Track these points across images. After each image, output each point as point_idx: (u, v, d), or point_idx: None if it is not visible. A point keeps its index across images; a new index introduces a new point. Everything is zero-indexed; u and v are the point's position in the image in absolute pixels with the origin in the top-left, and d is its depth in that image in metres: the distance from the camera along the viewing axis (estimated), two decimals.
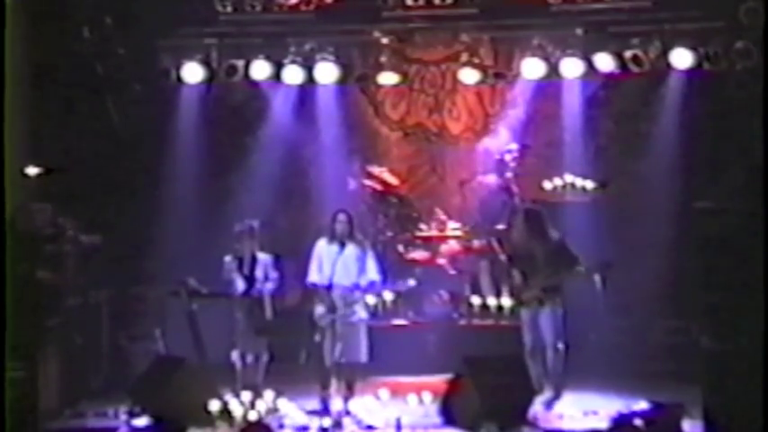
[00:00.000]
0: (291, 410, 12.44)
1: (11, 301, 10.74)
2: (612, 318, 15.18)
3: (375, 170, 16.41)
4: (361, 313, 12.94)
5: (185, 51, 16.05)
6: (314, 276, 12.96)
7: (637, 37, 15.62)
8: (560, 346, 12.90)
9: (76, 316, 14.20)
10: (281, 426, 12.16)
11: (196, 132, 16.32)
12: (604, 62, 15.68)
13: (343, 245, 12.84)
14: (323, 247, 12.99)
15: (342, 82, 16.27)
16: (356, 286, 12.83)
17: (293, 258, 14.61)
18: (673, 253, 15.44)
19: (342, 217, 12.96)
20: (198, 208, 16.03)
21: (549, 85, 16.20)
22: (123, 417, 12.39)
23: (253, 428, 11.16)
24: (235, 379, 13.06)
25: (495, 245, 15.09)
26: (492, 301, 15.24)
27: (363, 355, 12.84)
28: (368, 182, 16.30)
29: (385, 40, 16.29)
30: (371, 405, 12.62)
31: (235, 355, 13.21)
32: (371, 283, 12.97)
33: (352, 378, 12.77)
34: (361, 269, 12.86)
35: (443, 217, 16.42)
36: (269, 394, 12.52)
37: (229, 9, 16.15)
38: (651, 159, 15.95)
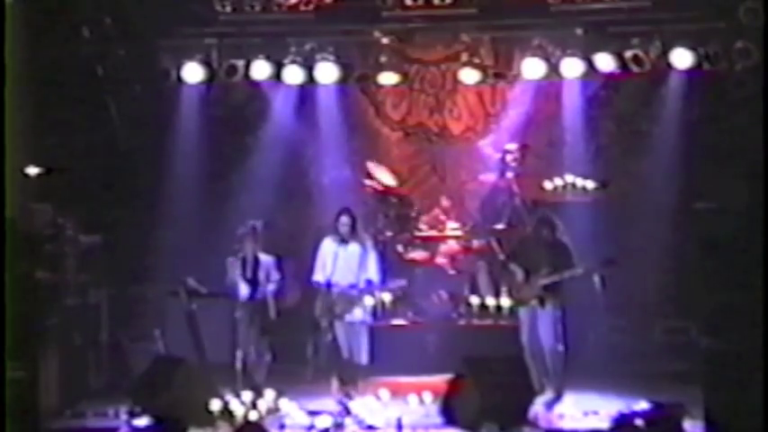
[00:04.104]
0: (292, 410, 12.43)
1: (11, 301, 10.74)
2: (612, 318, 15.19)
3: (375, 170, 16.39)
4: (362, 314, 12.95)
5: (185, 51, 16.05)
6: (318, 275, 13.00)
7: (637, 37, 15.61)
8: (560, 348, 12.90)
9: (76, 316, 14.21)
10: (282, 426, 12.16)
11: (196, 132, 16.32)
12: (604, 62, 15.67)
13: (346, 243, 12.89)
14: (327, 246, 13.03)
15: (342, 82, 16.26)
16: (355, 285, 12.86)
17: (293, 258, 14.64)
18: (673, 253, 15.46)
19: (344, 219, 13.00)
20: (198, 208, 16.04)
21: (550, 85, 16.21)
22: (123, 417, 12.37)
23: (248, 428, 11.16)
24: (235, 379, 13.05)
25: (495, 245, 15.13)
26: (491, 302, 15.22)
27: (364, 358, 12.86)
28: (368, 182, 16.30)
29: (385, 40, 16.29)
30: (372, 405, 12.61)
31: (239, 356, 13.20)
32: (368, 282, 13.00)
33: (353, 378, 12.78)
34: (362, 268, 12.90)
35: (443, 217, 16.41)
36: (270, 394, 12.51)
37: (229, 9, 16.13)
38: (651, 159, 15.96)
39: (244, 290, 13.31)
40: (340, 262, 12.87)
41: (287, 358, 13.99)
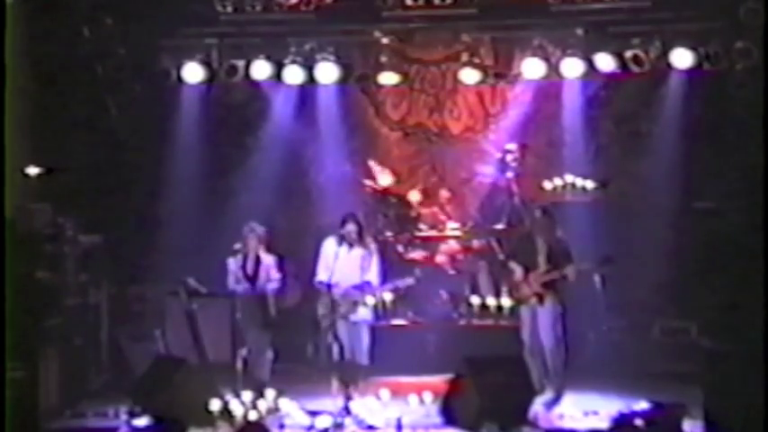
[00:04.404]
0: (292, 410, 12.44)
1: (11, 301, 10.74)
2: (612, 317, 15.19)
3: (375, 170, 16.39)
4: (365, 314, 12.97)
5: (185, 51, 16.05)
6: (321, 275, 13.01)
7: (637, 37, 15.61)
8: (560, 347, 12.90)
9: (76, 316, 14.21)
10: (282, 426, 12.16)
11: (196, 132, 16.32)
12: (604, 62, 15.68)
13: (351, 246, 12.92)
14: (331, 247, 13.04)
15: (342, 82, 16.26)
16: (357, 286, 12.89)
17: (293, 258, 14.63)
18: (673, 253, 15.46)
19: (351, 227, 12.98)
20: (198, 208, 16.02)
21: (550, 85, 16.21)
22: (123, 417, 12.37)
23: (250, 429, 11.16)
24: (235, 379, 13.05)
25: (495, 245, 15.14)
26: (491, 301, 15.23)
27: (364, 357, 12.88)
28: (368, 182, 16.30)
29: (385, 40, 16.29)
30: (372, 405, 12.62)
31: (243, 353, 13.19)
32: (367, 283, 13.01)
33: (354, 378, 12.79)
34: (364, 270, 12.92)
35: (443, 217, 16.41)
36: (270, 394, 12.52)
37: (229, 9, 16.13)
38: (651, 159, 15.95)
39: (243, 286, 13.32)
40: (342, 263, 12.89)
41: (287, 358, 14.00)
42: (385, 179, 16.38)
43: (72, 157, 15.45)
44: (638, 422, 10.31)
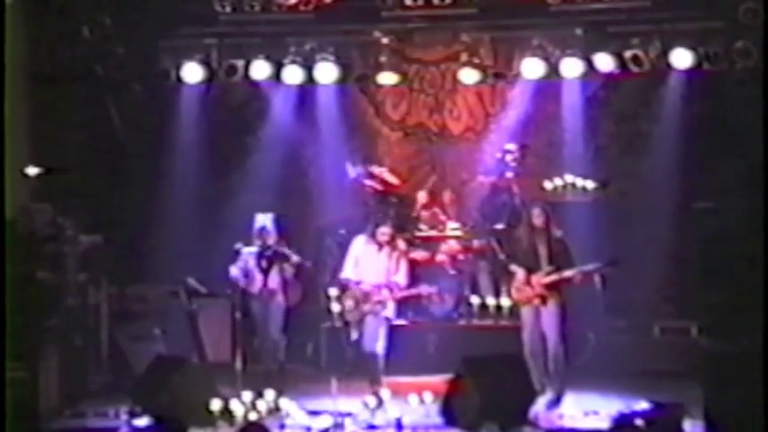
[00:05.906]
0: (293, 410, 12.44)
1: (11, 302, 10.74)
2: (612, 318, 15.20)
3: (375, 170, 16.39)
4: (388, 312, 13.02)
5: (185, 51, 16.06)
6: (347, 272, 13.03)
7: (637, 37, 15.61)
8: (561, 347, 12.90)
9: (76, 316, 14.21)
10: (282, 426, 12.16)
11: (196, 132, 16.33)
12: (604, 62, 15.68)
13: (381, 247, 12.94)
14: (360, 246, 13.06)
15: (342, 82, 16.27)
16: (383, 286, 12.92)
17: None
18: (673, 253, 15.46)
19: (385, 229, 13.02)
20: (198, 208, 16.04)
21: (549, 85, 16.19)
22: (124, 417, 12.37)
23: (251, 429, 11.16)
24: (235, 378, 13.04)
25: (495, 245, 15.12)
26: (491, 301, 15.23)
27: (381, 349, 12.93)
28: (368, 182, 16.29)
29: (385, 40, 16.29)
30: (372, 405, 12.61)
31: (266, 339, 13.18)
32: (394, 283, 13.04)
33: (376, 375, 12.85)
34: (392, 271, 12.95)
35: (443, 217, 16.40)
36: (270, 394, 12.52)
37: (229, 9, 16.13)
38: (651, 159, 15.95)
39: (258, 279, 13.29)
40: (370, 262, 12.95)
41: (287, 358, 13.98)
42: (385, 179, 16.37)
43: (72, 157, 15.46)
44: (638, 422, 10.31)
